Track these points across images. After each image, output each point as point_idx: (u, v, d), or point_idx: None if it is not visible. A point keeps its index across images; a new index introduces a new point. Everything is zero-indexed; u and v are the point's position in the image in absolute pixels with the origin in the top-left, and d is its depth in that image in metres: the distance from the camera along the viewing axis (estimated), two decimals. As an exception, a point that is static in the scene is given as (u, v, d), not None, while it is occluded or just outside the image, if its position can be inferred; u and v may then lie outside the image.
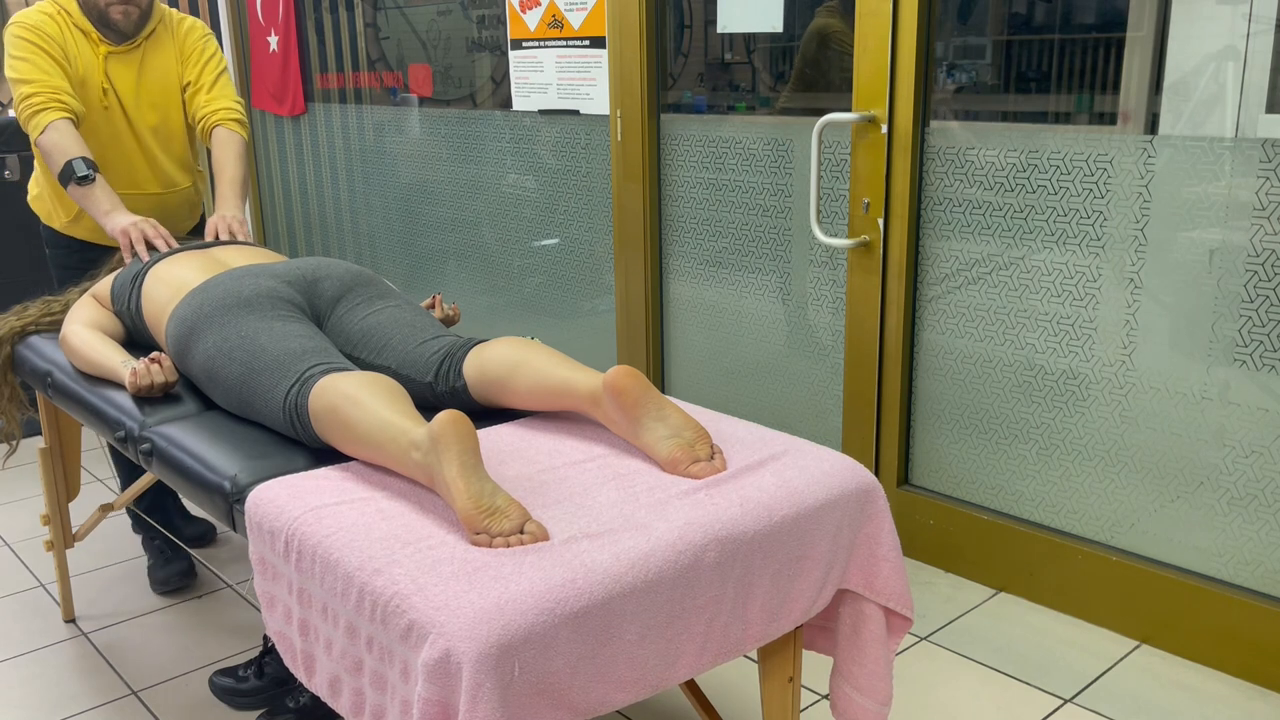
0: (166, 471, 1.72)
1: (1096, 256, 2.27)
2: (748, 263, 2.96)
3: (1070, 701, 2.13)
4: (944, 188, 2.49)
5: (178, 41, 2.58)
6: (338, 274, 1.99)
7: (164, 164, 2.60)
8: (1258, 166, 2.01)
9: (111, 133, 2.51)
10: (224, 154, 2.52)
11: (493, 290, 3.80)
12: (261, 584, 1.49)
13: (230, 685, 2.17)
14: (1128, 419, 2.29)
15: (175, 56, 2.57)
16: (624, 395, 1.55)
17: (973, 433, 2.57)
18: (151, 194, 2.60)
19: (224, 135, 2.54)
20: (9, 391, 2.32)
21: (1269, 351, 2.07)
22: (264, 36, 4.50)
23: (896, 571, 1.58)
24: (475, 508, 1.32)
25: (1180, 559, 2.27)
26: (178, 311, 1.88)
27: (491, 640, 1.15)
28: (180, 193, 2.67)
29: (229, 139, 2.54)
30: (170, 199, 2.64)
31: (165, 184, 2.62)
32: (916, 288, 2.59)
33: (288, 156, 4.68)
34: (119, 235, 2.25)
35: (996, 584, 2.58)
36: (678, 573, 1.32)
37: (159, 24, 2.55)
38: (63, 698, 2.26)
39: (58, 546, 2.52)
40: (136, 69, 2.51)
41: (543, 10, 3.25)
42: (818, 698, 2.16)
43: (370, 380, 1.57)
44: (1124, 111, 2.20)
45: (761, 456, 1.55)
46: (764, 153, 2.84)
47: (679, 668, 1.35)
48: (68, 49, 2.41)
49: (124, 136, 2.53)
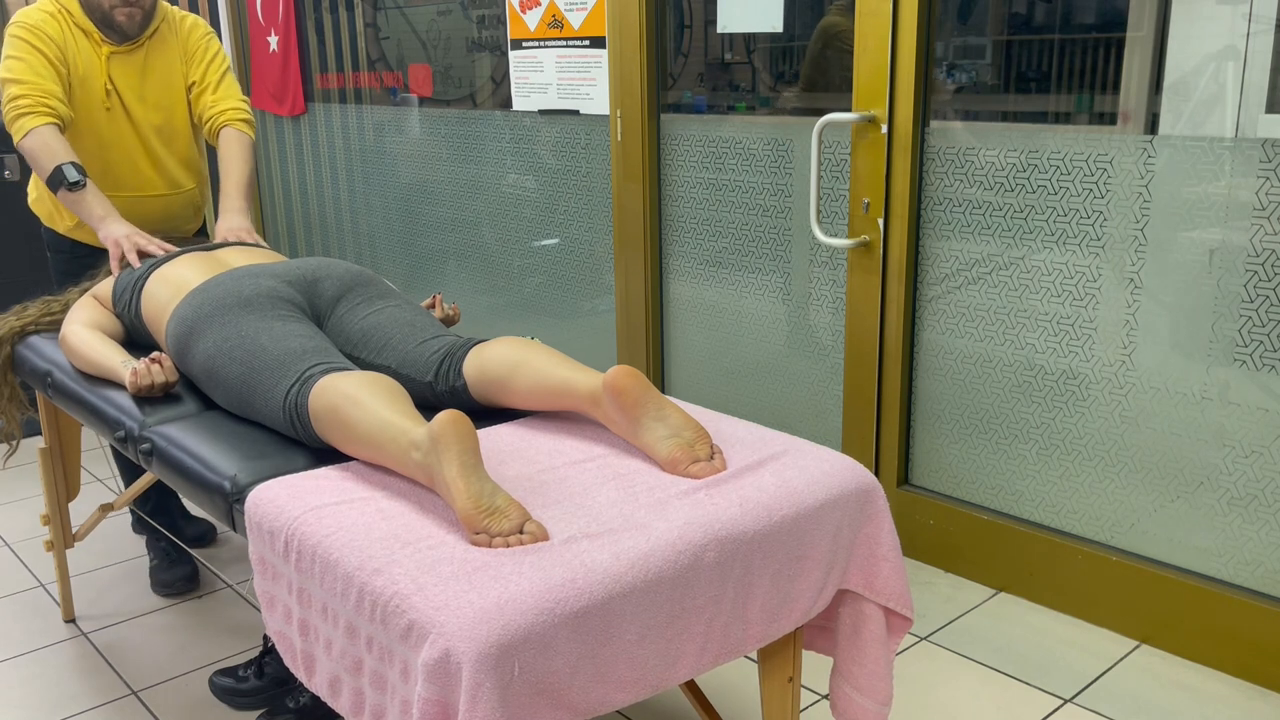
0: (166, 471, 1.72)
1: (1096, 256, 2.27)
2: (748, 263, 2.96)
3: (1070, 701, 2.13)
4: (944, 188, 2.49)
5: (181, 40, 2.57)
6: (338, 274, 1.99)
7: (168, 165, 2.59)
8: (1258, 166, 2.01)
9: (115, 134, 2.49)
10: (231, 154, 2.53)
11: (493, 290, 3.80)
12: (261, 584, 1.49)
13: (230, 685, 2.17)
14: (1128, 419, 2.29)
15: (179, 55, 2.56)
16: (624, 395, 1.55)
17: (973, 432, 2.57)
18: (156, 195, 2.59)
19: (232, 135, 2.55)
20: (9, 391, 2.32)
21: (1269, 351, 2.07)
22: (264, 36, 4.50)
23: (896, 571, 1.58)
24: (475, 508, 1.32)
25: (1180, 559, 2.27)
26: (178, 311, 1.88)
27: (491, 640, 1.15)
28: (185, 194, 2.65)
29: (237, 139, 2.54)
30: (175, 201, 2.63)
31: (170, 185, 2.61)
32: (916, 288, 2.59)
33: (288, 156, 4.68)
34: (110, 245, 2.23)
35: (996, 584, 2.58)
36: (677, 573, 1.32)
37: (161, 22, 2.53)
38: (63, 698, 2.26)
39: (58, 546, 2.52)
40: (140, 68, 2.50)
41: (543, 10, 3.25)
42: (818, 698, 2.16)
43: (370, 380, 1.57)
44: (1124, 111, 2.20)
45: (761, 456, 1.55)
46: (764, 153, 2.84)
47: (679, 668, 1.35)
48: (67, 50, 2.40)
49: (127, 137, 2.51)
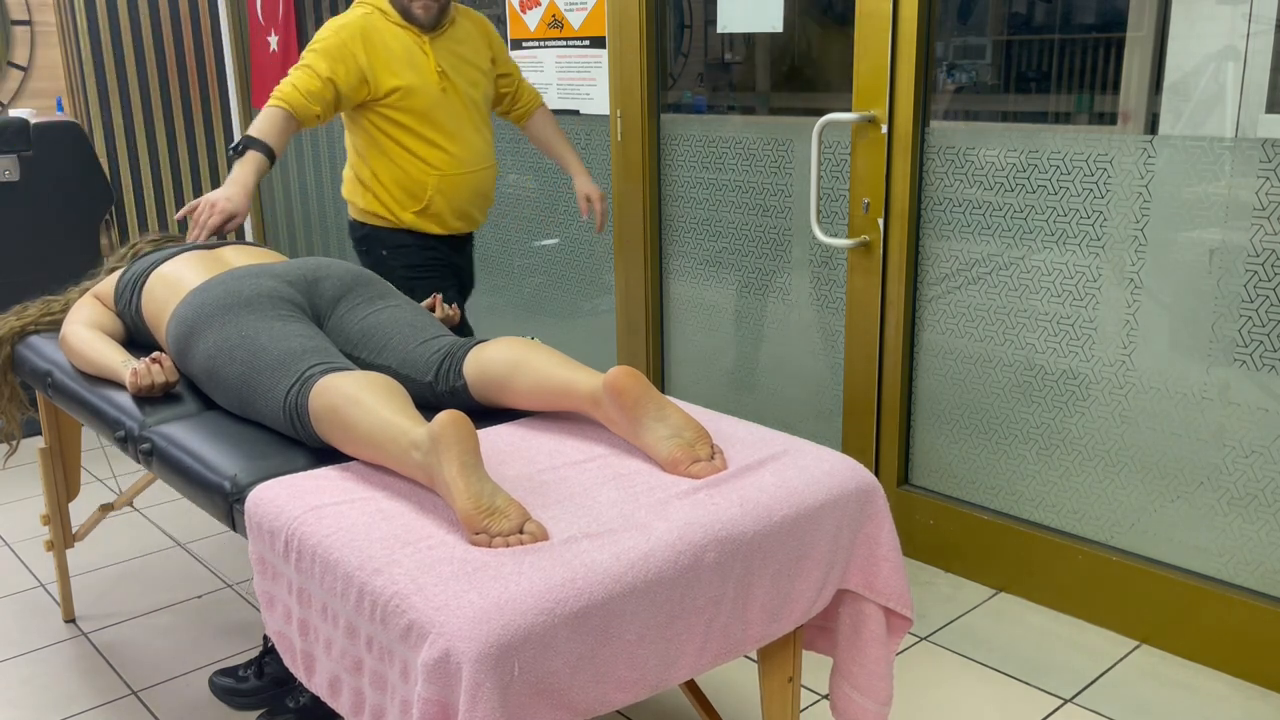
0: (166, 471, 1.72)
1: (1096, 256, 2.27)
2: (748, 263, 2.96)
3: (1070, 701, 2.13)
4: (944, 188, 2.49)
5: (483, 32, 2.68)
6: (338, 274, 1.99)
7: (488, 138, 2.67)
8: (1258, 166, 2.01)
9: (451, 113, 2.55)
10: (558, 131, 2.84)
11: (493, 290, 3.80)
12: (261, 584, 1.49)
13: (230, 685, 2.17)
14: (1128, 419, 2.29)
15: (484, 43, 2.67)
16: (624, 395, 1.55)
17: (973, 433, 2.57)
18: (486, 169, 2.65)
19: (548, 114, 2.84)
20: (9, 391, 2.32)
21: (1269, 351, 2.07)
22: (264, 36, 4.50)
23: (896, 571, 1.58)
24: (475, 508, 1.32)
25: (1180, 559, 2.27)
26: (178, 311, 1.88)
27: (491, 640, 1.15)
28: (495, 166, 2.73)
29: (552, 117, 2.85)
30: (492, 174, 2.70)
31: (490, 158, 2.68)
32: (916, 288, 2.59)
33: (288, 156, 4.68)
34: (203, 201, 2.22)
35: (996, 584, 2.58)
36: (678, 573, 1.32)
37: (456, 14, 2.62)
38: (63, 698, 2.26)
39: (58, 546, 2.52)
40: (455, 51, 2.58)
41: (543, 10, 3.25)
42: (818, 698, 2.16)
43: (370, 380, 1.57)
44: (1124, 111, 2.20)
45: (761, 456, 1.55)
46: (764, 153, 2.84)
47: (679, 668, 1.35)
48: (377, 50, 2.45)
49: (461, 113, 2.57)
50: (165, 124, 4.65)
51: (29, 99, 4.41)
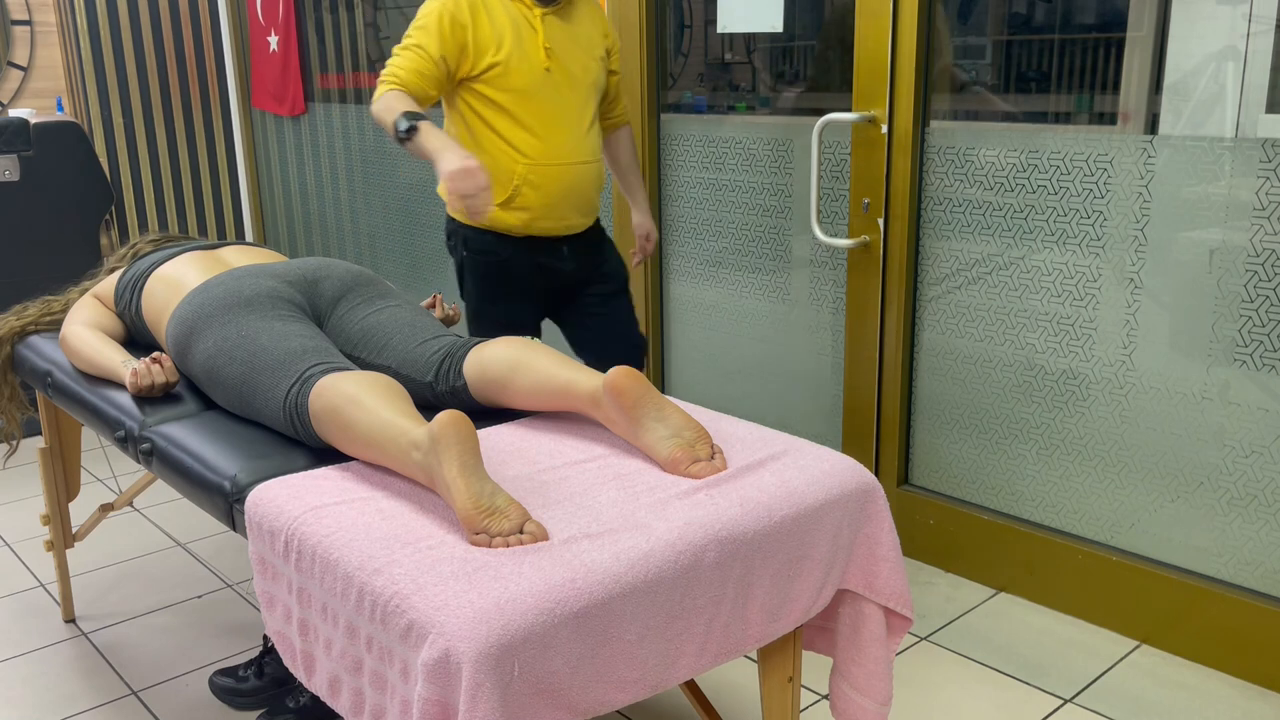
0: (166, 471, 1.72)
1: (1096, 256, 2.27)
2: (748, 263, 2.96)
3: (1070, 701, 2.13)
4: (944, 188, 2.49)
5: (597, 16, 2.44)
6: (338, 274, 1.99)
7: (595, 130, 2.42)
8: (1258, 166, 2.01)
9: (554, 97, 2.32)
10: (634, 157, 2.65)
11: (493, 290, 3.80)
12: (261, 584, 1.49)
13: (230, 685, 2.17)
14: (1128, 419, 2.29)
15: (599, 31, 2.43)
16: (624, 395, 1.55)
17: (973, 433, 2.57)
18: (586, 163, 2.38)
19: (631, 135, 2.64)
20: (9, 391, 2.32)
21: (1269, 351, 2.07)
22: (264, 36, 4.50)
23: (896, 571, 1.58)
24: (475, 508, 1.32)
25: (1180, 559, 2.27)
26: (178, 311, 1.88)
27: (491, 640, 1.15)
28: (599, 165, 2.44)
29: (633, 141, 2.66)
30: (594, 170, 2.42)
31: (594, 152, 2.41)
32: (916, 288, 2.60)
33: (288, 156, 4.68)
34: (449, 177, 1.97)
35: (996, 584, 2.58)
36: (678, 573, 1.32)
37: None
38: (63, 698, 2.26)
39: (58, 546, 2.52)
40: (570, 32, 2.36)
41: (543, 10, 3.25)
42: (818, 698, 2.16)
43: (370, 380, 1.57)
44: (1124, 111, 2.20)
45: (761, 456, 1.55)
46: (764, 153, 2.84)
47: (679, 668, 1.35)
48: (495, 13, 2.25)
49: (567, 101, 2.34)
50: (165, 124, 4.65)
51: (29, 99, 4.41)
